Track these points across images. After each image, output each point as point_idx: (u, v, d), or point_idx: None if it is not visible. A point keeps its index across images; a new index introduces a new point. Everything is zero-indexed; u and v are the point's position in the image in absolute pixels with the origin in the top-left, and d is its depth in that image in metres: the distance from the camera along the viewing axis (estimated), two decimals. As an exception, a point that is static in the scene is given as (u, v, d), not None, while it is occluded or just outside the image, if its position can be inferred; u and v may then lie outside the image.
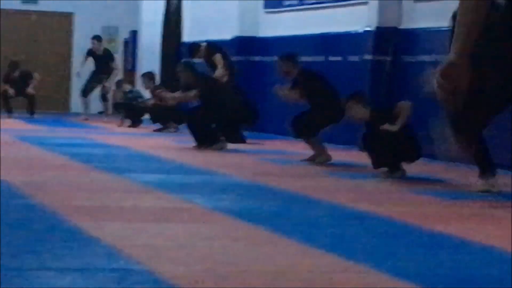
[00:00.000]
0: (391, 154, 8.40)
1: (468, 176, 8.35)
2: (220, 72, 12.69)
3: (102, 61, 17.68)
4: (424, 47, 11.21)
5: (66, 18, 20.24)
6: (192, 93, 11.34)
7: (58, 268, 3.70)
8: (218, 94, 11.50)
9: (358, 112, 8.47)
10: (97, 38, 17.70)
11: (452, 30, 6.69)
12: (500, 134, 8.69)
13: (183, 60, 13.94)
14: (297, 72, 9.93)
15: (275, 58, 11.16)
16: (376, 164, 8.39)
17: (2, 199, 6.09)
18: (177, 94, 12.24)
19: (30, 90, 17.61)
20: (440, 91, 6.11)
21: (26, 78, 17.79)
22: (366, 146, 8.52)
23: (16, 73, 17.84)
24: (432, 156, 9.80)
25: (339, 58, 13.19)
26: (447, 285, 3.59)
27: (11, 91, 17.71)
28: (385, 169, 8.41)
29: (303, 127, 9.82)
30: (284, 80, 10.44)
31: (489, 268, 4.09)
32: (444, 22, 8.45)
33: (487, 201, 7.06)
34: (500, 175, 7.79)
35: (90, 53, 17.81)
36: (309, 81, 9.92)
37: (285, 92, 10.04)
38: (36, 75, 17.92)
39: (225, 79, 12.54)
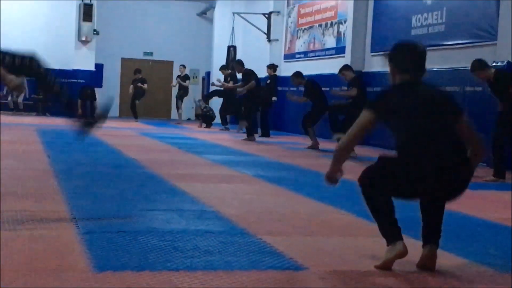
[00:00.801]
0: None
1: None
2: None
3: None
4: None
5: (168, 64, 26.46)
6: (251, 83, 14.99)
7: (163, 209, 5.56)
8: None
9: None
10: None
11: None
12: None
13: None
14: (304, 82, 13.57)
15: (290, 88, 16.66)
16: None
17: (130, 168, 8.52)
18: (239, 85, 16.20)
19: (144, 86, 22.00)
20: None
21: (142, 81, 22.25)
22: None
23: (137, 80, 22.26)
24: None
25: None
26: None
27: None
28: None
29: (305, 121, 13.15)
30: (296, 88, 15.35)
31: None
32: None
33: None
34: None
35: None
36: (311, 88, 13.28)
37: (294, 97, 14.73)
38: (145, 85, 22.21)
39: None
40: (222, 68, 19.38)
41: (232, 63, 18.30)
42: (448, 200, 3.89)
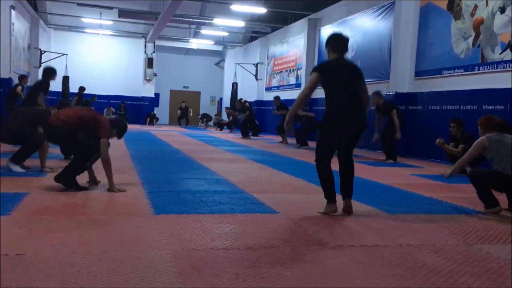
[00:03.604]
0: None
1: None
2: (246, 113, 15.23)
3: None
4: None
5: (197, 93, 26.08)
6: (246, 113, 14.85)
7: (195, 178, 5.51)
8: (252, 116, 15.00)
9: None
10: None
11: None
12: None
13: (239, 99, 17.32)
14: (279, 102, 13.10)
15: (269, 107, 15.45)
16: None
17: (175, 154, 8.41)
18: (240, 114, 15.76)
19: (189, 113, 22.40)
20: None
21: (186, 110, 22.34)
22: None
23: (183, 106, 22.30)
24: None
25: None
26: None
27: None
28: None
29: (279, 128, 12.57)
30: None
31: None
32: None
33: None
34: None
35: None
36: (283, 107, 12.68)
37: (276, 112, 13.14)
38: (190, 110, 22.50)
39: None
40: (227, 108, 19.76)
41: (236, 101, 18.19)
42: (356, 139, 3.88)
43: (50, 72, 8.14)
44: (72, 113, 4.45)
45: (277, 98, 13.58)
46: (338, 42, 3.91)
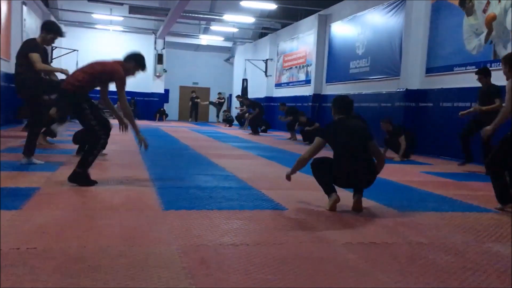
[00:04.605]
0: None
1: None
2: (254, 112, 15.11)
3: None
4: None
5: (207, 89, 26.11)
6: (256, 110, 14.81)
7: (204, 174, 5.56)
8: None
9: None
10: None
11: None
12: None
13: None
14: (286, 108, 13.24)
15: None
16: None
17: (184, 150, 8.47)
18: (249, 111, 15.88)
19: (201, 102, 22.87)
20: None
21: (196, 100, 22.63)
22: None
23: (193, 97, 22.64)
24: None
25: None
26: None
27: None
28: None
29: (288, 125, 12.75)
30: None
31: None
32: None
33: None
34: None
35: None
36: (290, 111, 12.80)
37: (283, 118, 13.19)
38: (200, 101, 22.87)
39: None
40: (238, 97, 18.85)
41: (242, 98, 18.16)
42: (362, 187, 3.89)
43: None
44: (83, 74, 4.44)
45: (282, 104, 13.64)
46: (341, 104, 3.99)
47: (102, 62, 4.65)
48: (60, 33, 5.62)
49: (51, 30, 5.48)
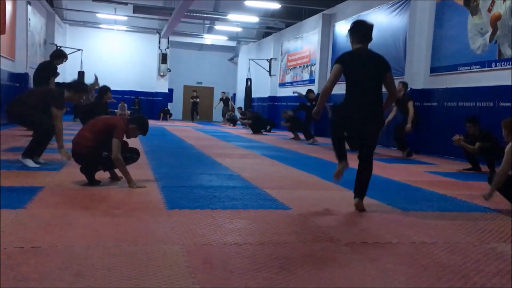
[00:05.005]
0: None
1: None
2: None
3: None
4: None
5: (211, 89, 26.05)
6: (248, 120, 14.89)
7: (208, 173, 5.57)
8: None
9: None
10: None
11: None
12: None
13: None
14: (289, 116, 12.74)
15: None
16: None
17: (188, 149, 8.43)
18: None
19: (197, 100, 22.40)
20: None
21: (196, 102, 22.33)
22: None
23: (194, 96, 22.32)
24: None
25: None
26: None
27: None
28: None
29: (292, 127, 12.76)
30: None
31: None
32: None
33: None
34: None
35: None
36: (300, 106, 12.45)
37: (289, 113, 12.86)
38: (199, 100, 22.51)
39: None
40: (239, 109, 19.84)
41: (246, 111, 18.20)
42: (368, 136, 3.76)
43: (58, 55, 8.03)
44: (89, 133, 4.44)
45: (284, 112, 13.59)
46: (361, 30, 3.77)
47: (106, 118, 4.72)
48: (85, 89, 5.84)
49: (80, 90, 5.62)
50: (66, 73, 17.50)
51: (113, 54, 22.02)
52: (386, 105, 3.80)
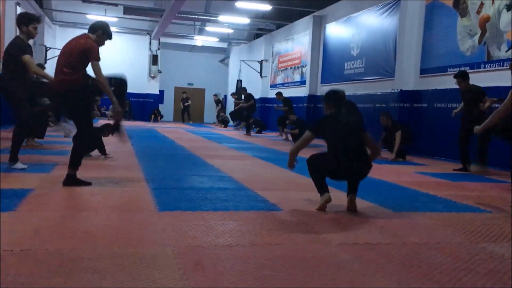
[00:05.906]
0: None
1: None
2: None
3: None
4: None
5: (202, 90, 26.15)
6: (250, 102, 14.58)
7: (199, 175, 5.53)
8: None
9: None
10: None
11: None
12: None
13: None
14: (283, 98, 13.65)
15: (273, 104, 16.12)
16: None
17: (179, 151, 8.43)
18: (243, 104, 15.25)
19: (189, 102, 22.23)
20: None
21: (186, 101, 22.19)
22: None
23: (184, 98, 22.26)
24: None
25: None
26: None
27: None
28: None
29: (280, 123, 13.35)
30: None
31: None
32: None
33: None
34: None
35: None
36: (287, 102, 13.22)
37: (278, 106, 13.75)
38: (190, 103, 22.37)
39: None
40: (233, 94, 19.73)
41: (240, 89, 18.34)
42: (357, 179, 3.88)
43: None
44: (67, 67, 4.48)
45: (279, 93, 14.02)
46: (333, 99, 3.98)
47: (72, 43, 4.69)
48: (36, 19, 5.45)
49: (30, 20, 5.32)
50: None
51: (103, 55, 21.27)
52: (371, 160, 3.91)
